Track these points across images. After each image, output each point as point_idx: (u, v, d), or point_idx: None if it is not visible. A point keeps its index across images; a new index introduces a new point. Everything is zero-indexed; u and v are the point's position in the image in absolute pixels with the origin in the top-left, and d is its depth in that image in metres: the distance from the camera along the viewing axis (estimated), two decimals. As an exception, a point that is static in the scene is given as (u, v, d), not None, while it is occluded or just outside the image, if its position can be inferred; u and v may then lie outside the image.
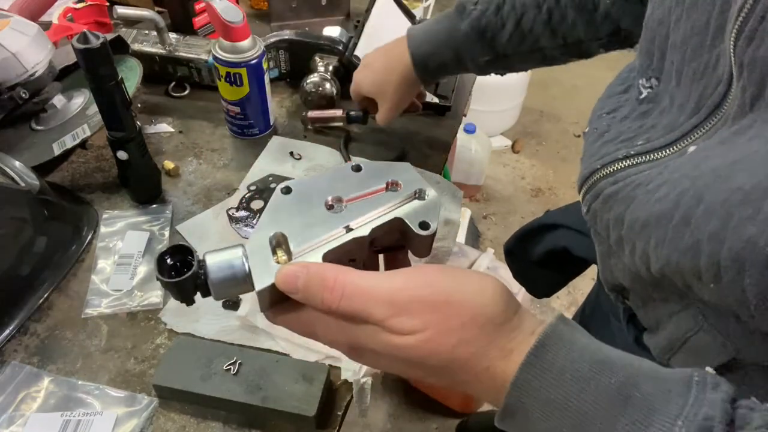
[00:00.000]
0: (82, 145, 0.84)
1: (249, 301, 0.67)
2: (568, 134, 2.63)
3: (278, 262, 0.35)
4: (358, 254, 0.38)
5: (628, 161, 0.38)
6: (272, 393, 0.58)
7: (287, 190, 0.38)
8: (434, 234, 0.37)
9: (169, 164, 0.87)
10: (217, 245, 0.76)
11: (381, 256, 0.42)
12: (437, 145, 0.96)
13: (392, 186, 0.40)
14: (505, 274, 1.27)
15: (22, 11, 0.95)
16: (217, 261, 0.35)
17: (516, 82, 2.44)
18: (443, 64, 0.72)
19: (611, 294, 0.48)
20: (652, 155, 0.37)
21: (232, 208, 0.81)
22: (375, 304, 0.32)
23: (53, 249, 0.72)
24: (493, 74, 0.75)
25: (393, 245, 0.41)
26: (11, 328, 0.66)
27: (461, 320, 0.31)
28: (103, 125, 0.75)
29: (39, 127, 0.87)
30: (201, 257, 0.35)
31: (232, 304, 0.67)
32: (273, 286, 0.34)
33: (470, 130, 2.14)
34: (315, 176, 0.40)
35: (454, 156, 2.05)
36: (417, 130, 0.98)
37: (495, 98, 2.39)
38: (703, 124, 0.34)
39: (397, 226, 0.38)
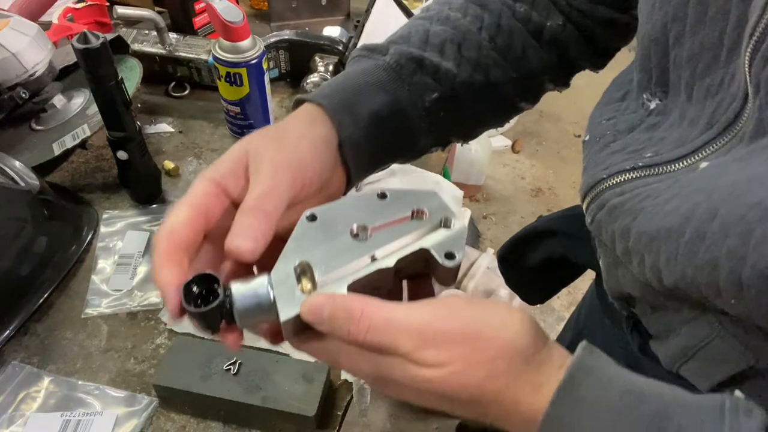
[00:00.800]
0: (82, 145, 0.84)
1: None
2: (568, 134, 2.63)
3: (303, 291, 0.35)
4: (383, 283, 0.38)
5: (635, 173, 0.37)
6: (272, 393, 0.58)
7: (312, 218, 0.38)
8: (459, 265, 0.37)
9: (169, 164, 0.87)
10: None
11: (404, 283, 0.42)
12: (437, 145, 0.96)
13: (418, 214, 0.39)
14: (505, 274, 1.26)
15: (22, 11, 0.95)
16: (242, 290, 0.35)
17: (516, 82, 2.44)
18: (375, 114, 0.45)
19: (616, 302, 0.47)
20: (661, 168, 0.36)
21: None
22: (402, 337, 0.31)
23: (53, 249, 0.72)
24: (446, 143, 0.54)
25: (418, 273, 0.41)
26: (11, 328, 0.66)
27: (490, 354, 0.31)
28: (103, 125, 0.75)
29: (39, 127, 0.87)
30: (227, 286, 0.35)
31: (232, 304, 0.67)
32: (298, 317, 0.34)
33: (470, 130, 2.14)
34: (340, 202, 0.40)
35: (454, 156, 2.05)
36: (417, 130, 0.98)
37: (495, 98, 2.38)
38: (716, 140, 0.34)
39: (422, 255, 0.38)
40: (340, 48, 1.00)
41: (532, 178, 2.48)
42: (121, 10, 0.92)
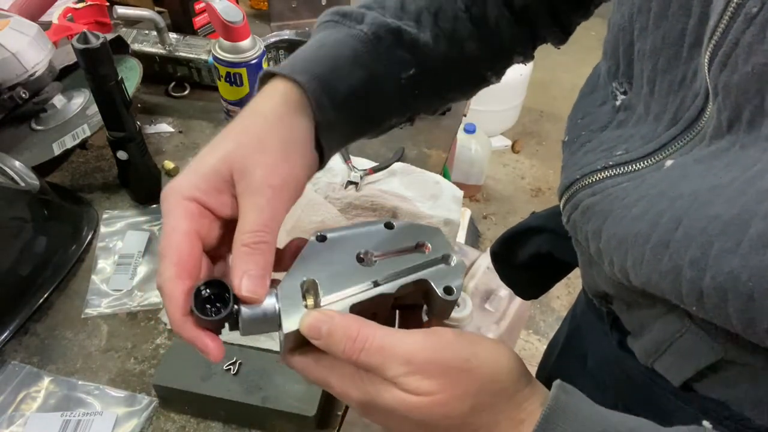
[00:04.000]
0: (82, 145, 0.84)
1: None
2: (568, 134, 2.63)
3: (307, 307, 0.36)
4: (381, 309, 0.40)
5: (606, 172, 0.38)
6: (272, 393, 0.58)
7: (322, 238, 0.40)
8: (456, 300, 0.39)
9: (169, 164, 0.87)
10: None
11: (397, 312, 0.44)
12: (437, 145, 0.96)
13: (420, 247, 0.41)
14: (505, 274, 1.27)
15: (22, 11, 0.95)
16: (250, 305, 0.36)
17: (516, 82, 2.44)
18: (352, 92, 0.42)
19: (595, 299, 0.48)
20: (630, 166, 0.37)
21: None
22: (393, 361, 0.32)
23: (53, 249, 0.72)
24: (413, 119, 0.52)
25: (410, 304, 0.42)
26: (11, 328, 0.66)
27: (476, 386, 0.32)
28: (103, 125, 0.75)
29: (39, 127, 0.87)
30: (235, 297, 0.36)
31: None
32: (298, 331, 0.35)
33: (470, 130, 2.15)
34: (349, 227, 0.42)
35: (454, 156, 2.05)
36: (417, 130, 0.98)
37: (495, 98, 2.39)
38: (680, 137, 0.34)
39: (421, 287, 0.39)
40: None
41: (532, 178, 2.48)
42: (121, 10, 0.93)
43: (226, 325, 0.37)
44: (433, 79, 0.48)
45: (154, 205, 0.82)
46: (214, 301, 0.36)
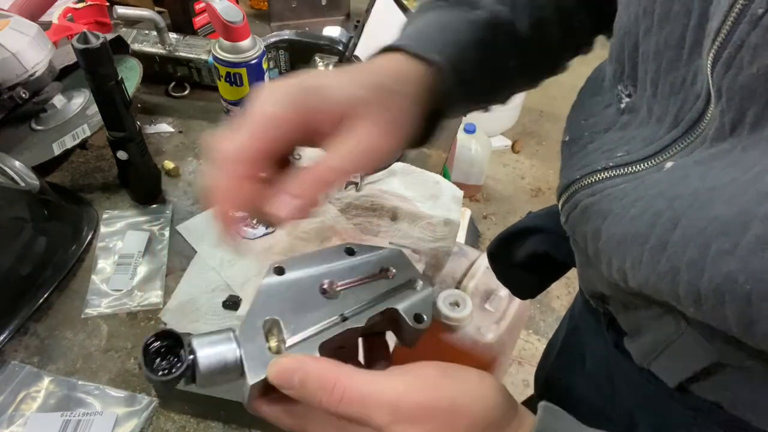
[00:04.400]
0: (82, 145, 0.84)
1: (249, 301, 0.67)
2: (568, 134, 2.63)
3: (271, 351, 0.34)
4: (349, 342, 0.38)
5: (606, 173, 0.38)
6: (272, 393, 0.58)
7: (280, 271, 0.38)
8: (427, 328, 0.37)
9: (169, 164, 0.87)
10: (216, 245, 0.76)
11: (360, 340, 0.42)
12: (437, 145, 0.96)
13: (385, 272, 0.39)
14: (505, 274, 1.26)
15: (22, 11, 0.95)
16: (208, 351, 0.33)
17: (516, 82, 2.44)
18: (472, 80, 0.43)
19: (592, 300, 0.48)
20: (630, 168, 0.37)
21: (232, 208, 0.81)
22: (377, 411, 0.31)
23: (53, 249, 0.72)
24: (497, 105, 0.52)
25: (376, 331, 0.41)
26: (11, 328, 0.66)
27: (462, 425, 0.32)
28: (103, 125, 0.75)
29: (39, 127, 0.87)
30: (189, 343, 0.33)
31: (233, 304, 0.67)
32: (266, 379, 0.33)
33: (470, 130, 2.15)
34: (308, 255, 0.39)
35: (454, 156, 2.05)
36: (417, 130, 0.98)
37: (495, 98, 2.39)
38: (681, 139, 0.34)
39: (390, 315, 0.38)
40: (340, 48, 1.00)
41: (532, 178, 2.48)
42: (121, 10, 0.92)
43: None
44: (525, 67, 0.49)
45: (154, 205, 0.82)
46: (165, 355, 0.33)
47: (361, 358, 0.42)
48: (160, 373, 0.32)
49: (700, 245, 0.29)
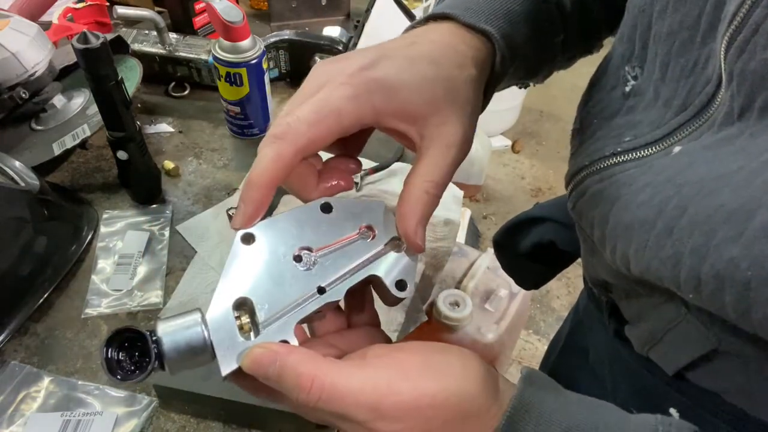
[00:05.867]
0: (82, 145, 0.84)
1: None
2: (568, 134, 2.60)
3: (244, 332, 0.32)
4: (327, 310, 0.36)
5: (615, 158, 0.38)
6: (272, 393, 0.58)
7: (249, 238, 0.34)
8: (411, 295, 0.36)
9: (169, 164, 0.87)
10: (217, 245, 0.77)
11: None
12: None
13: (365, 231, 0.36)
14: (505, 273, 1.27)
15: (22, 11, 0.95)
16: (173, 338, 0.31)
17: (516, 82, 2.44)
18: (522, 54, 0.42)
19: (594, 288, 0.48)
20: (637, 152, 0.37)
21: (232, 208, 0.81)
22: (357, 409, 0.31)
23: (53, 249, 0.72)
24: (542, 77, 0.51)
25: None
26: (11, 328, 0.66)
27: (444, 418, 0.32)
28: (103, 125, 0.75)
29: (39, 127, 0.87)
30: (153, 333, 0.31)
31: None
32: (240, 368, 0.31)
33: (470, 130, 2.14)
34: (280, 217, 0.35)
35: (454, 156, 2.06)
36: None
37: (495, 98, 2.38)
38: (689, 123, 0.34)
39: (371, 280, 0.36)
40: (340, 48, 1.00)
41: (532, 178, 2.48)
42: (121, 10, 0.92)
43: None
44: (566, 44, 0.47)
45: (154, 205, 0.82)
46: (129, 349, 0.31)
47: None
48: (128, 370, 0.31)
49: (705, 232, 0.29)
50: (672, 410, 0.36)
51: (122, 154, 0.76)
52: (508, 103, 2.52)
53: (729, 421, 0.37)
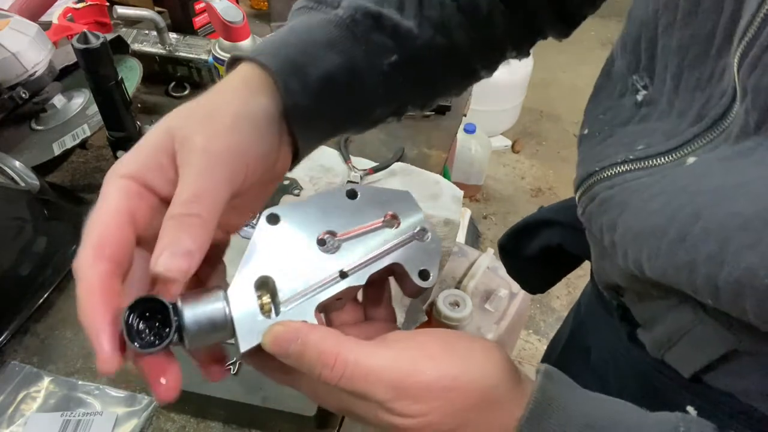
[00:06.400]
0: (82, 145, 0.84)
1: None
2: (568, 134, 2.63)
3: (264, 312, 0.31)
4: (347, 297, 0.36)
5: (626, 166, 0.38)
6: (272, 393, 0.58)
7: (274, 219, 0.34)
8: (433, 285, 0.35)
9: (169, 164, 0.87)
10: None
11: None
12: (437, 145, 0.96)
13: (390, 220, 0.36)
14: (504, 273, 1.27)
15: (22, 11, 0.95)
16: (195, 312, 0.30)
17: (516, 82, 2.44)
18: (327, 77, 0.39)
19: (605, 292, 0.48)
20: (650, 161, 0.36)
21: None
22: (379, 387, 0.30)
23: (53, 249, 0.72)
24: (402, 112, 0.48)
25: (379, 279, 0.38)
26: (11, 328, 0.65)
27: (466, 403, 0.31)
28: (103, 125, 0.75)
29: (39, 127, 0.87)
30: (177, 305, 0.30)
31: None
32: (259, 345, 0.31)
33: (470, 130, 2.15)
34: (305, 202, 0.35)
35: (454, 156, 2.06)
36: (417, 130, 0.98)
37: (495, 98, 2.39)
38: (705, 134, 0.34)
39: (393, 268, 0.35)
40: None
41: (532, 178, 2.48)
42: (121, 10, 0.93)
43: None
44: (419, 69, 0.45)
45: (154, 205, 0.82)
46: (149, 320, 0.30)
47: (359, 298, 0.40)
48: (148, 340, 0.30)
49: (719, 239, 0.29)
50: (689, 408, 0.36)
51: (122, 154, 0.76)
52: (508, 103, 2.52)
53: (745, 423, 0.37)
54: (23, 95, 0.82)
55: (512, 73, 2.35)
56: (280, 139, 0.37)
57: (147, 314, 0.30)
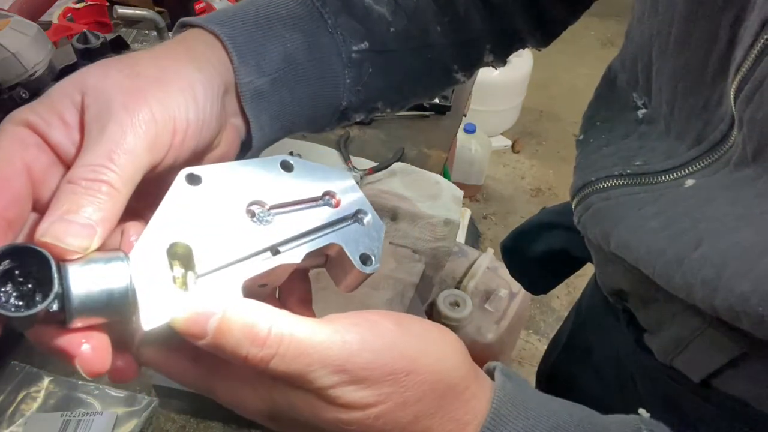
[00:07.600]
0: (82, 145, 0.84)
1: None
2: (568, 134, 2.63)
3: (177, 283, 0.25)
4: (277, 280, 0.30)
5: (623, 179, 0.38)
6: (272, 393, 0.58)
7: (194, 179, 0.28)
8: (375, 272, 0.31)
9: (169, 164, 0.87)
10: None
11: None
12: (437, 145, 0.96)
13: (328, 198, 0.32)
14: (504, 273, 1.27)
15: (22, 11, 0.95)
16: (85, 277, 0.24)
17: (516, 82, 2.44)
18: (287, 57, 0.36)
19: (610, 297, 0.48)
20: (647, 178, 0.36)
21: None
22: (321, 370, 0.24)
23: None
24: (372, 110, 0.44)
25: (304, 267, 0.32)
26: (11, 328, 0.65)
27: (421, 390, 0.27)
28: (103, 125, 0.75)
29: (39, 127, 0.87)
30: (59, 266, 0.24)
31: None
32: (169, 326, 0.24)
33: (470, 130, 2.15)
34: (233, 164, 0.30)
35: (454, 156, 2.06)
36: (417, 129, 0.98)
37: (495, 98, 2.39)
38: (703, 157, 0.34)
39: (331, 251, 0.31)
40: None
41: (532, 178, 2.48)
42: (121, 10, 0.93)
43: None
44: (391, 60, 0.41)
45: (154, 205, 0.82)
46: (21, 279, 0.23)
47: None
48: (11, 304, 0.23)
49: (716, 265, 0.29)
50: (641, 410, 0.34)
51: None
52: (508, 103, 2.52)
53: (755, 429, 0.37)
54: (23, 95, 0.81)
55: (512, 73, 2.35)
56: (224, 114, 0.33)
57: (18, 272, 0.23)
